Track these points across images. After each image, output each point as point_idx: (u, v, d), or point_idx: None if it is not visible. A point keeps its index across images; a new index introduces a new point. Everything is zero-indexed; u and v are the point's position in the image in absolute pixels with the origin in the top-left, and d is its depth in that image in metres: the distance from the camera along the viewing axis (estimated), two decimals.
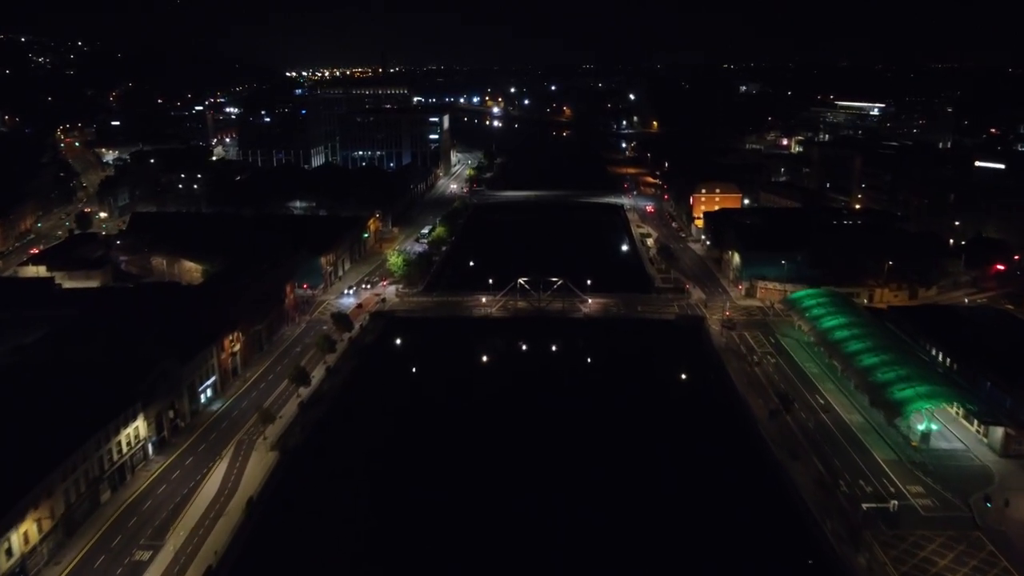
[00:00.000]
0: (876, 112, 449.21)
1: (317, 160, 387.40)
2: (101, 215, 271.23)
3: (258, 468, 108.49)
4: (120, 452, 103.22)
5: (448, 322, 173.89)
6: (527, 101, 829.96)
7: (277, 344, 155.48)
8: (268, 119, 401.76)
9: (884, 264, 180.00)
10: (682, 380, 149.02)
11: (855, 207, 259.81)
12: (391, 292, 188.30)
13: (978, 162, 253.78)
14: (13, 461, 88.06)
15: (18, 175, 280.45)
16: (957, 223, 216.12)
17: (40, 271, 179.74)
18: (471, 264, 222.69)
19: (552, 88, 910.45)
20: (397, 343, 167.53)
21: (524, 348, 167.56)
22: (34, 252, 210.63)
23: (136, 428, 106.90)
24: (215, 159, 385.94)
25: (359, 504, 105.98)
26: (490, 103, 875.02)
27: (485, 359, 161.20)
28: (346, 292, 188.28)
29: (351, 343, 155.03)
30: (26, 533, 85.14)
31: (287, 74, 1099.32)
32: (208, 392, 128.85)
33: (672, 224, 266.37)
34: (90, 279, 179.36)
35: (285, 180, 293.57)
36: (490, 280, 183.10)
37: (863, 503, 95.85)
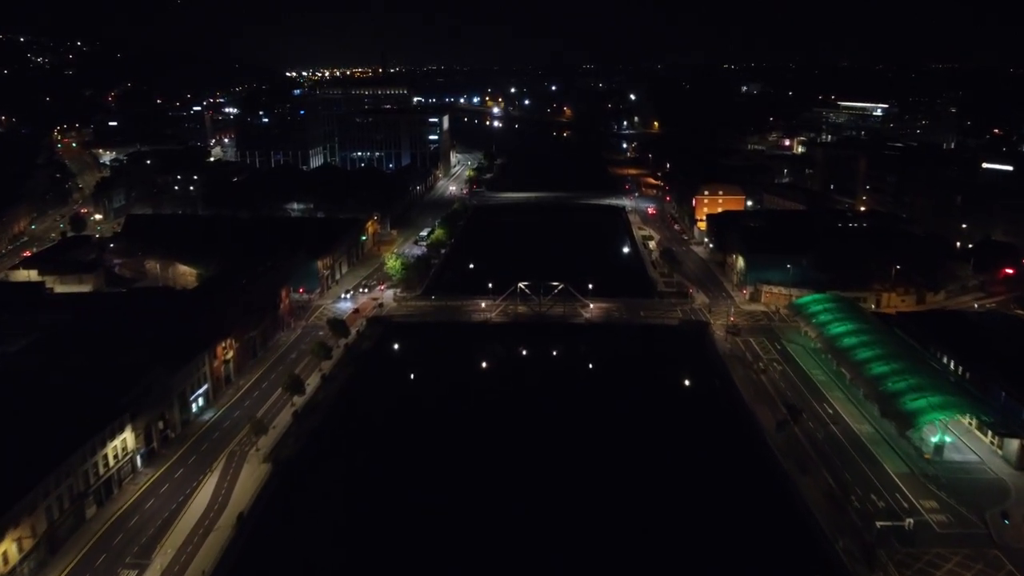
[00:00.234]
0: (879, 113, 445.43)
1: (316, 161, 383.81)
2: (96, 217, 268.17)
3: (250, 481, 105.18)
4: (107, 465, 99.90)
5: (447, 327, 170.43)
6: (527, 101, 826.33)
7: (272, 350, 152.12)
8: (266, 120, 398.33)
9: (891, 268, 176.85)
10: (686, 388, 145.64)
11: (860, 209, 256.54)
12: (389, 296, 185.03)
13: (985, 164, 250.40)
14: None
15: (13, 176, 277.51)
16: (964, 226, 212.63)
17: (31, 275, 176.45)
18: (471, 267, 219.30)
19: (552, 88, 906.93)
20: (394, 349, 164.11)
21: (524, 354, 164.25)
22: (26, 255, 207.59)
23: (124, 440, 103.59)
24: (213, 160, 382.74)
25: (354, 519, 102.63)
26: (490, 103, 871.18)
27: (484, 365, 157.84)
28: (343, 296, 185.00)
29: (347, 349, 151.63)
30: (5, 553, 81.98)
31: (287, 74, 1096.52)
32: (200, 401, 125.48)
33: (674, 226, 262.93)
34: (82, 283, 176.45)
35: (283, 181, 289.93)
36: (490, 284, 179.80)
37: (876, 520, 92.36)
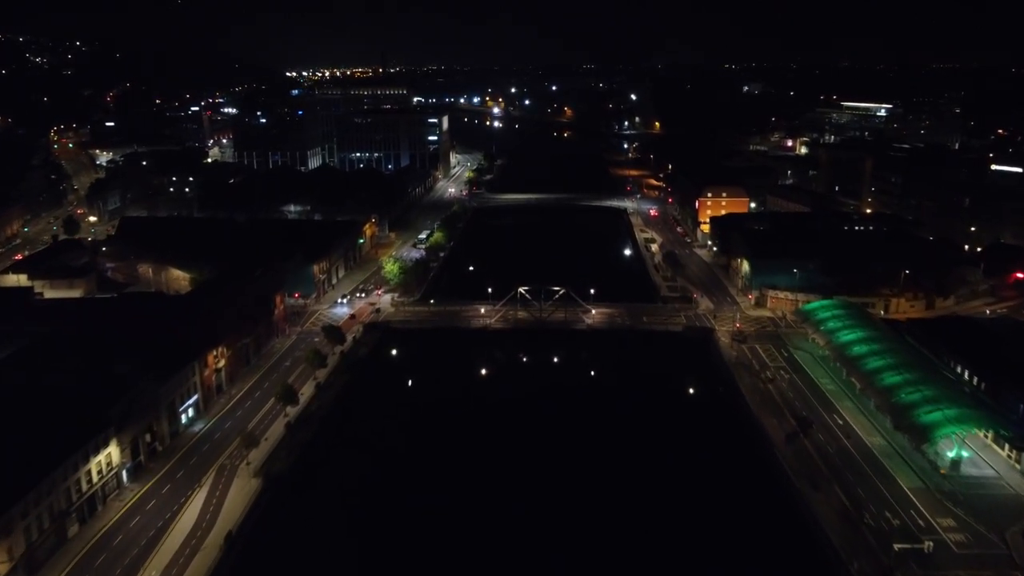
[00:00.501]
0: (883, 113, 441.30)
1: (314, 162, 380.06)
2: (90, 219, 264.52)
3: (240, 497, 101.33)
4: (90, 482, 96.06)
5: (445, 333, 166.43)
6: (527, 101, 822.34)
7: (266, 358, 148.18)
8: (264, 120, 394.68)
9: (900, 272, 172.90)
10: (691, 397, 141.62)
11: (866, 212, 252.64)
12: (386, 301, 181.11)
13: (994, 165, 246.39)
14: None
15: (7, 177, 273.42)
16: (973, 229, 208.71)
17: (21, 280, 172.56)
18: (470, 270, 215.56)
19: (553, 88, 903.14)
20: (392, 356, 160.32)
21: (525, 361, 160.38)
22: (18, 259, 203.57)
23: (108, 455, 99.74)
24: (210, 161, 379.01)
25: (349, 535, 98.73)
26: (490, 103, 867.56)
27: (484, 373, 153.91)
28: (340, 301, 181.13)
29: (343, 357, 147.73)
30: None
31: (287, 74, 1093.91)
32: (190, 412, 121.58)
33: (677, 229, 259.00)
34: (73, 288, 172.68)
35: (280, 183, 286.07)
36: (489, 289, 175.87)
37: (894, 542, 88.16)
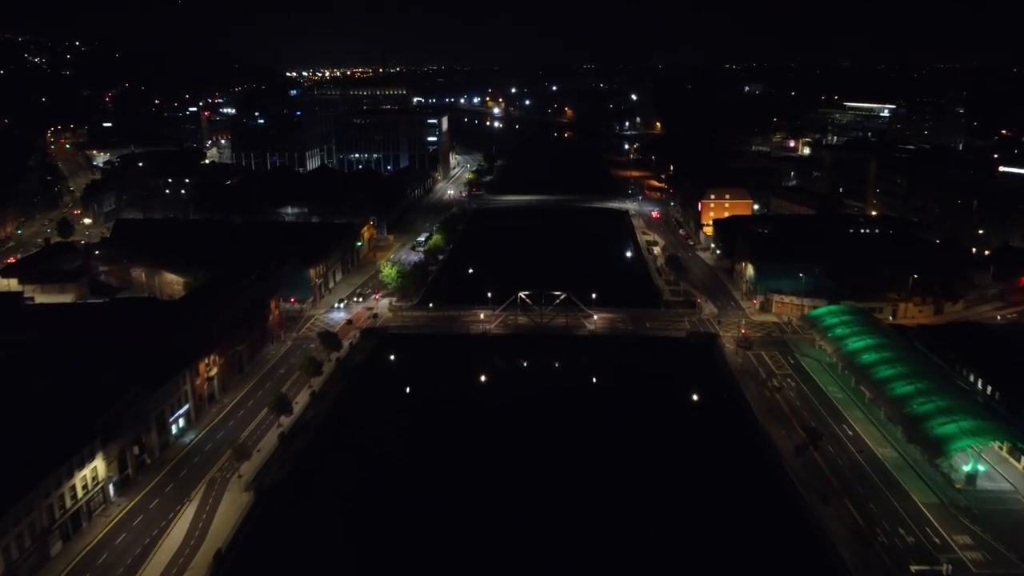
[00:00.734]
0: (886, 113, 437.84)
1: (312, 163, 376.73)
2: (85, 221, 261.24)
3: (230, 512, 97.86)
4: (75, 497, 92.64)
5: (444, 339, 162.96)
6: (528, 102, 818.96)
7: (260, 365, 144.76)
8: (262, 121, 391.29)
9: (908, 276, 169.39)
10: (696, 406, 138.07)
11: (871, 214, 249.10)
12: (384, 306, 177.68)
13: (1002, 167, 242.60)
14: None
15: (2, 179, 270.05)
16: (981, 231, 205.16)
17: (11, 284, 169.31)
18: (469, 273, 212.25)
19: (553, 88, 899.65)
20: (389, 362, 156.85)
21: (525, 367, 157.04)
22: (10, 262, 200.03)
23: (94, 469, 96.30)
24: (208, 162, 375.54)
25: (343, 551, 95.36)
26: (490, 103, 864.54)
27: (483, 379, 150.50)
28: (336, 306, 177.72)
29: (339, 364, 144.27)
30: None
31: (287, 74, 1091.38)
32: (180, 422, 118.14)
33: (679, 231, 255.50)
34: (64, 293, 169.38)
35: (278, 184, 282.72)
36: (489, 294, 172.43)
37: (911, 563, 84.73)
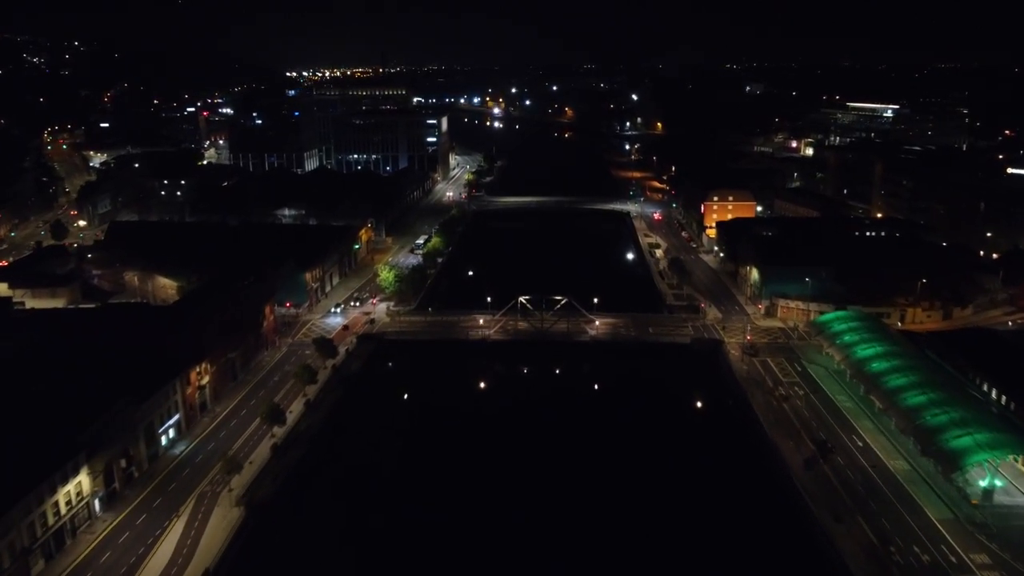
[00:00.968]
0: (889, 114, 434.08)
1: (311, 164, 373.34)
2: (80, 223, 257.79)
3: (220, 528, 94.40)
4: (58, 514, 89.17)
5: (442, 345, 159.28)
6: (528, 102, 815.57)
7: (254, 372, 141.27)
8: (260, 121, 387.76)
9: (916, 281, 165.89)
10: (701, 415, 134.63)
11: (876, 216, 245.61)
12: (381, 310, 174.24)
13: (1011, 169, 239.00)
14: None
15: None
16: (989, 234, 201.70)
17: (1, 289, 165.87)
18: (469, 277, 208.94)
19: (553, 88, 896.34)
20: (386, 369, 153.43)
21: (525, 375, 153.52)
22: (1, 266, 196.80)
23: (78, 484, 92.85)
24: (206, 163, 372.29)
25: (337, 567, 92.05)
26: (491, 104, 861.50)
27: (483, 386, 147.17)
28: (333, 311, 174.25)
29: (334, 371, 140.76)
30: None
31: (287, 74, 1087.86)
32: (171, 433, 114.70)
33: (682, 233, 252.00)
34: (55, 298, 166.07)
35: (275, 186, 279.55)
36: (488, 298, 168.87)
37: None
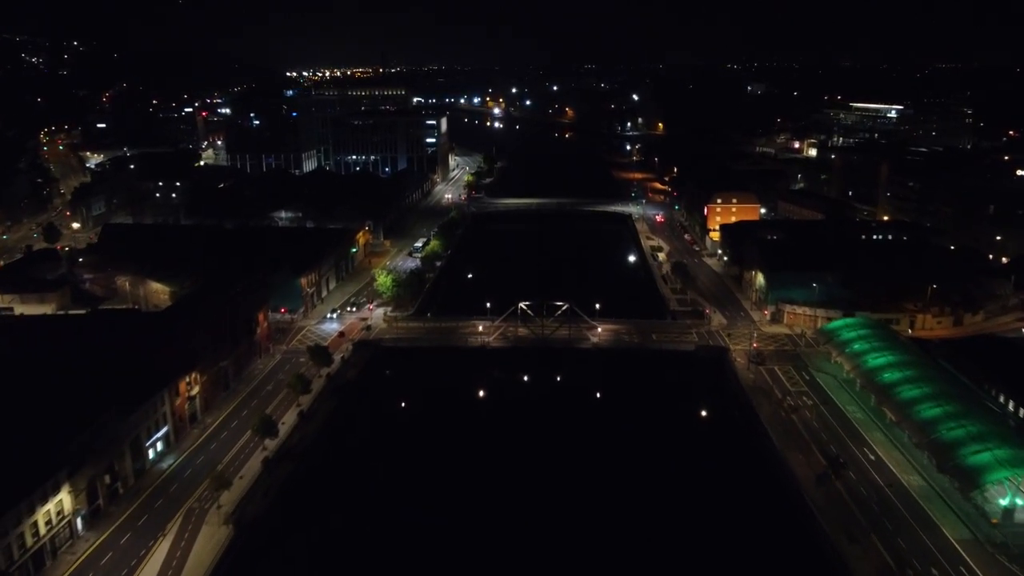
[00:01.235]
0: (893, 114, 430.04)
1: (309, 165, 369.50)
2: (74, 226, 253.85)
3: (208, 548, 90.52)
4: (36, 535, 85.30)
5: (440, 353, 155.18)
6: (528, 102, 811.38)
7: (246, 381, 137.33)
8: (258, 122, 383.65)
9: (926, 286, 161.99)
10: (706, 427, 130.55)
11: (882, 218, 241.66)
12: (378, 316, 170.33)
13: (1020, 171, 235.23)
14: None
15: None
16: (999, 238, 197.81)
17: None
18: (468, 281, 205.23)
19: (554, 88, 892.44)
20: (383, 378, 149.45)
21: (526, 383, 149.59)
22: None
23: (59, 502, 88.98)
24: (202, 164, 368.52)
25: None
26: (491, 104, 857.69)
27: (482, 395, 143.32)
28: (329, 316, 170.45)
29: (329, 380, 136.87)
30: None
31: (288, 74, 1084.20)
32: (158, 446, 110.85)
33: (685, 236, 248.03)
34: (44, 303, 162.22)
35: (272, 188, 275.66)
36: (488, 303, 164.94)
37: None
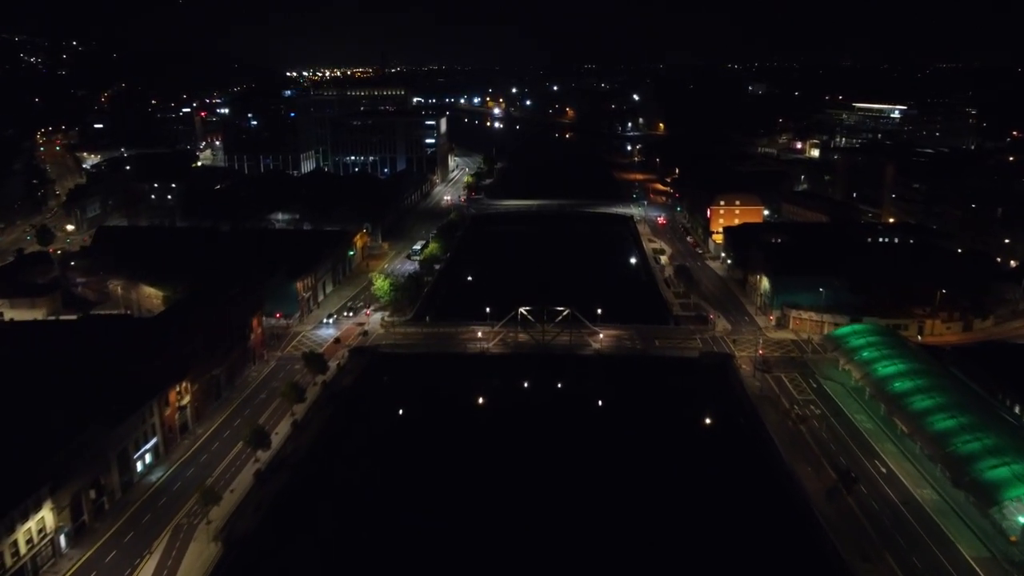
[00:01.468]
0: (896, 115, 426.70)
1: (308, 166, 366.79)
2: (68, 228, 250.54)
3: (196, 567, 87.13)
4: (16, 555, 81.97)
5: (439, 359, 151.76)
6: (528, 102, 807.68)
7: (239, 389, 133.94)
8: (255, 122, 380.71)
9: (934, 290, 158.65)
10: (712, 438, 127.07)
11: (888, 221, 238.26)
12: (375, 321, 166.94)
13: None
14: None
15: None
16: (1007, 241, 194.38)
17: None
18: (467, 286, 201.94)
19: (554, 88, 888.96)
20: (379, 385, 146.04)
21: (526, 390, 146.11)
22: None
23: (41, 519, 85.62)
24: (200, 165, 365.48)
25: None
26: (491, 104, 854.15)
27: (481, 402, 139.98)
28: (325, 321, 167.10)
29: (324, 388, 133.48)
30: None
31: (288, 74, 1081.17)
32: (147, 458, 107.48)
33: (687, 238, 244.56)
34: (35, 308, 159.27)
35: (269, 189, 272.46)
36: (487, 308, 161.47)
37: None
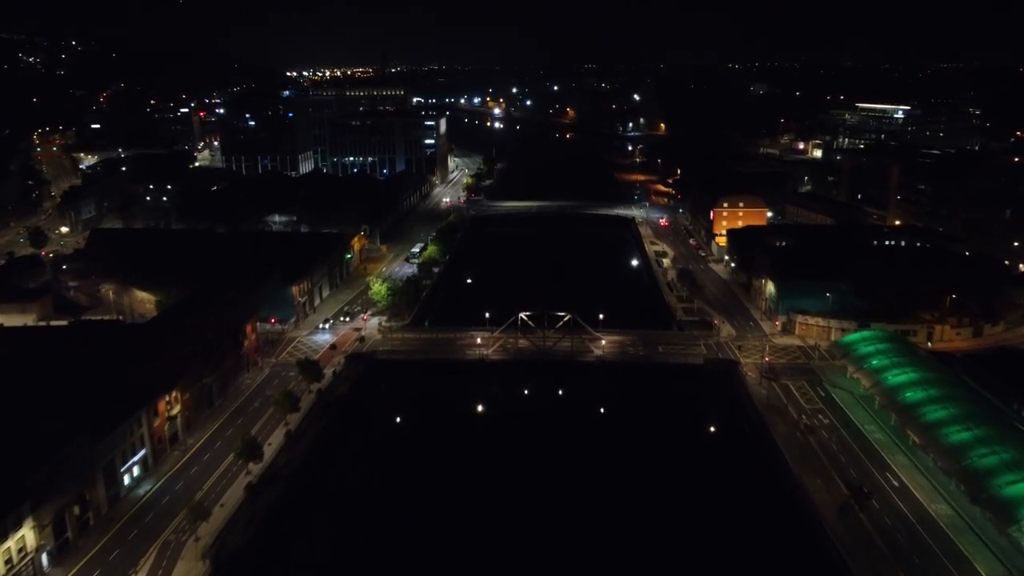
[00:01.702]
0: (900, 115, 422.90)
1: (306, 166, 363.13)
2: (62, 230, 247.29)
3: None
4: None
5: (437, 366, 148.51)
6: (528, 102, 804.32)
7: (232, 397, 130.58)
8: (253, 122, 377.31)
9: (943, 295, 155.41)
10: (717, 448, 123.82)
11: (894, 223, 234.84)
12: (373, 326, 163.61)
13: None
14: None
15: None
16: (1016, 244, 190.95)
17: None
18: (466, 289, 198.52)
19: (554, 88, 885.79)
20: (376, 392, 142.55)
21: (527, 398, 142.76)
22: None
23: (21, 538, 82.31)
24: (197, 165, 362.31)
25: None
26: (491, 104, 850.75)
27: (480, 410, 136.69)
28: (321, 326, 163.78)
29: (319, 396, 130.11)
30: None
31: (288, 74, 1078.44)
32: (135, 471, 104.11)
33: (690, 241, 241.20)
34: (25, 313, 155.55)
35: (266, 190, 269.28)
36: (487, 313, 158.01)
37: None
